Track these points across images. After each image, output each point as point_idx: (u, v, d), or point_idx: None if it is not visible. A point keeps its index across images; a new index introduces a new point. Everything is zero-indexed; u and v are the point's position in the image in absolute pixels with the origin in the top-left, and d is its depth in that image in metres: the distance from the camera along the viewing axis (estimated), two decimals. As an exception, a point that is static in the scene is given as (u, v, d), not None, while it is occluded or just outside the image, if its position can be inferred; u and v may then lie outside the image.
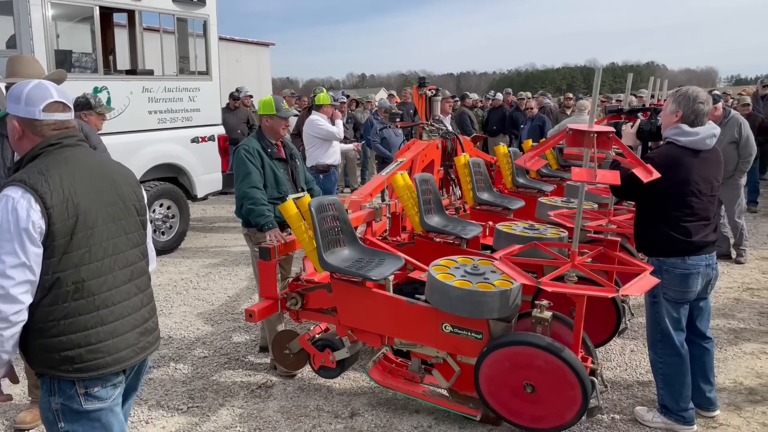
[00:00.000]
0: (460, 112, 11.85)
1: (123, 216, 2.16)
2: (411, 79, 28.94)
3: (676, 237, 3.23)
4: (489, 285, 3.20)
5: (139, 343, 2.16)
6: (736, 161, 6.33)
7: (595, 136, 2.83)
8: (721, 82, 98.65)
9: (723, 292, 5.76)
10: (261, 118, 4.36)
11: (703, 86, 23.41)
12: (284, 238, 3.88)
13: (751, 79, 78.51)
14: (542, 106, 12.53)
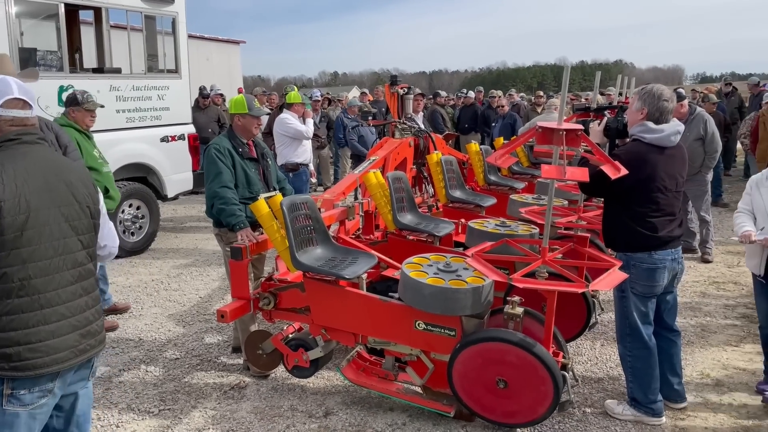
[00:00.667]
0: (432, 110, 11.89)
1: (76, 217, 2.15)
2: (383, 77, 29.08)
3: (642, 232, 3.29)
4: (461, 282, 3.22)
5: (79, 345, 2.13)
6: (702, 157, 6.46)
7: (564, 134, 2.87)
8: (688, 80, 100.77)
9: (690, 286, 5.88)
10: (232, 117, 4.31)
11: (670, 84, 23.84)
12: (256, 237, 3.86)
13: (716, 77, 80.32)
14: (515, 104, 12.65)
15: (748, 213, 3.76)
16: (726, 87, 12.69)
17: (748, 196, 3.82)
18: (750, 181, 3.87)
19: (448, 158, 5.82)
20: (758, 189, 3.74)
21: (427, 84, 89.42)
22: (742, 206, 3.84)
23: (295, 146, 7.01)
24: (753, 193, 3.78)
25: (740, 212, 3.82)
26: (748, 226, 3.65)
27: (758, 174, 3.84)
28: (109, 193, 5.07)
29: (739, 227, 3.71)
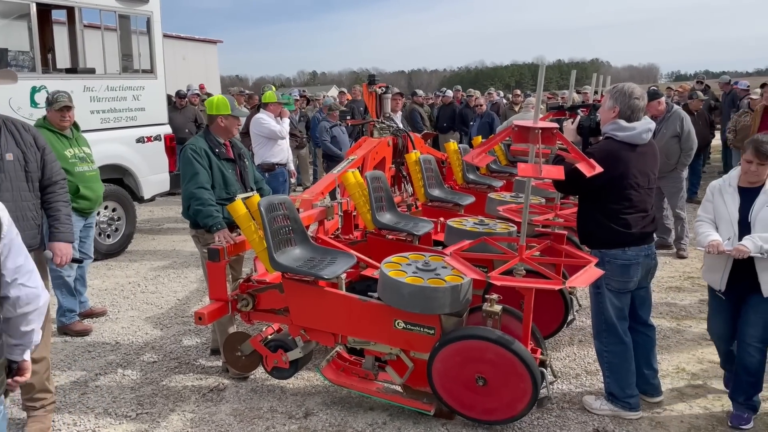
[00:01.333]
0: (411, 109, 11.91)
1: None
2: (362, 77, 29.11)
3: (616, 229, 3.33)
4: (440, 281, 3.23)
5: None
6: (678, 154, 6.54)
7: (539, 133, 2.89)
8: (663, 79, 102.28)
9: (665, 282, 5.97)
10: (212, 118, 4.27)
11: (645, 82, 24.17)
12: (233, 238, 3.83)
13: (690, 75, 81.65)
14: (494, 102, 12.73)
15: (710, 222, 3.53)
16: (699, 85, 12.91)
17: (709, 204, 3.58)
18: (711, 187, 3.62)
19: (427, 157, 5.84)
20: (721, 196, 3.50)
21: (406, 83, 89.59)
22: (702, 215, 3.59)
23: (270, 146, 6.98)
24: (715, 200, 3.54)
25: (701, 221, 3.57)
26: (713, 235, 3.42)
27: (719, 179, 3.61)
28: (80, 192, 4.99)
29: (703, 237, 3.46)
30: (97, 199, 5.29)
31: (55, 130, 4.98)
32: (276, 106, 7.07)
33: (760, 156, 3.32)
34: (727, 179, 3.54)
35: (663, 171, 6.55)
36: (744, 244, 3.26)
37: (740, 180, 3.48)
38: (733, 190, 3.47)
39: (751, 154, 3.35)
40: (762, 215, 3.32)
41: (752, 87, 13.49)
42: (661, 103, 6.53)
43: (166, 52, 8.38)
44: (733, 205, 3.42)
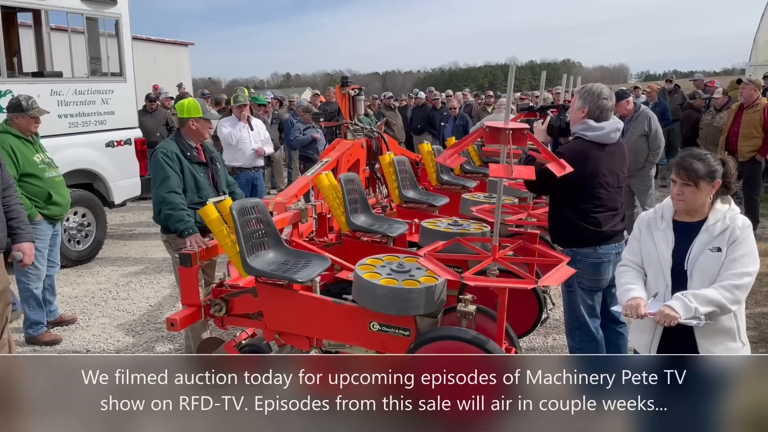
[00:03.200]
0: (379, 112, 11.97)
1: None
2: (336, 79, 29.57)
3: (587, 228, 3.37)
4: (415, 282, 3.23)
5: None
6: (647, 153, 6.64)
7: (510, 133, 2.91)
8: (633, 78, 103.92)
9: (637, 279, 6.05)
10: (184, 121, 4.22)
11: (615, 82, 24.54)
12: (206, 243, 3.79)
13: (659, 75, 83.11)
14: (468, 104, 12.81)
15: (635, 268, 2.74)
16: (668, 84, 13.12)
17: (636, 242, 2.77)
18: (638, 222, 2.81)
19: (401, 159, 5.84)
20: (650, 232, 2.69)
21: (380, 84, 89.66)
22: (627, 257, 2.81)
23: (231, 150, 6.96)
24: (643, 237, 2.72)
25: (625, 267, 2.78)
26: (635, 290, 2.62)
27: (649, 212, 2.80)
28: (52, 199, 4.90)
29: (623, 292, 2.66)
30: (67, 204, 5.20)
31: (20, 136, 4.88)
32: (237, 108, 7.04)
33: (683, 174, 2.53)
34: (659, 210, 2.72)
35: (632, 169, 6.64)
36: (672, 306, 2.44)
37: (674, 211, 2.66)
38: (666, 225, 2.65)
39: (675, 173, 2.57)
40: (702, 262, 2.52)
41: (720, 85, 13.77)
42: (629, 103, 6.63)
43: (136, 55, 8.27)
44: (665, 247, 2.61)
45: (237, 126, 7.02)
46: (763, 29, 17.71)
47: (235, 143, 6.95)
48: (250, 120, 7.18)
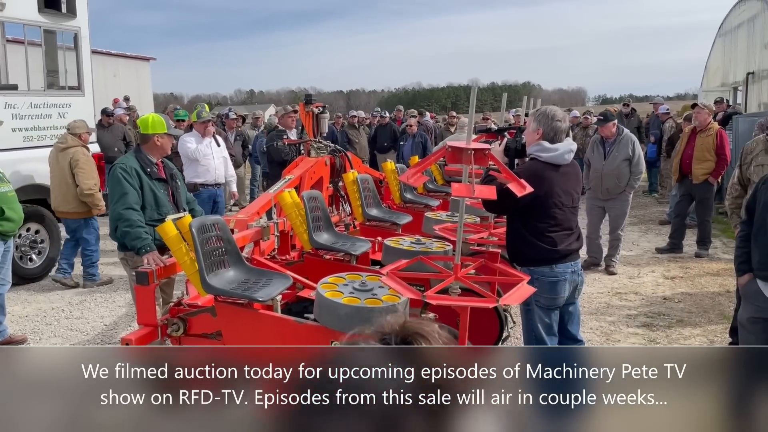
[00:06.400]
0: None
1: None
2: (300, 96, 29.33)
3: (543, 247, 3.43)
4: (377, 300, 3.22)
5: None
6: (628, 177, 6.77)
7: (472, 153, 2.94)
8: (590, 101, 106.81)
9: (595, 297, 6.17)
10: (147, 137, 4.15)
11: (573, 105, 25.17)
12: (164, 261, 3.71)
13: (615, 98, 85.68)
14: (423, 124, 12.96)
15: None
16: (625, 108, 13.53)
17: None
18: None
19: (365, 177, 5.85)
20: None
21: (344, 103, 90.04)
22: None
23: (193, 166, 6.87)
24: None
25: None
26: None
27: None
28: (4, 215, 4.75)
29: None
30: (20, 220, 5.04)
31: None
32: (199, 125, 6.97)
33: None
34: None
35: (613, 193, 6.80)
36: None
37: None
38: None
39: None
40: None
41: (672, 110, 14.27)
42: (614, 125, 6.80)
43: (95, 69, 8.14)
44: None
45: (204, 142, 6.94)
46: (714, 56, 18.49)
47: (198, 159, 6.85)
48: (215, 136, 7.11)
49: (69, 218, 6.70)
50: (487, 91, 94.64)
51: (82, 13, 7.56)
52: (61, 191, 6.53)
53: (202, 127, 6.96)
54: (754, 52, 14.75)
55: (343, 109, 24.86)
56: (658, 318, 5.58)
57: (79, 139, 6.57)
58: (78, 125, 6.65)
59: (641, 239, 8.79)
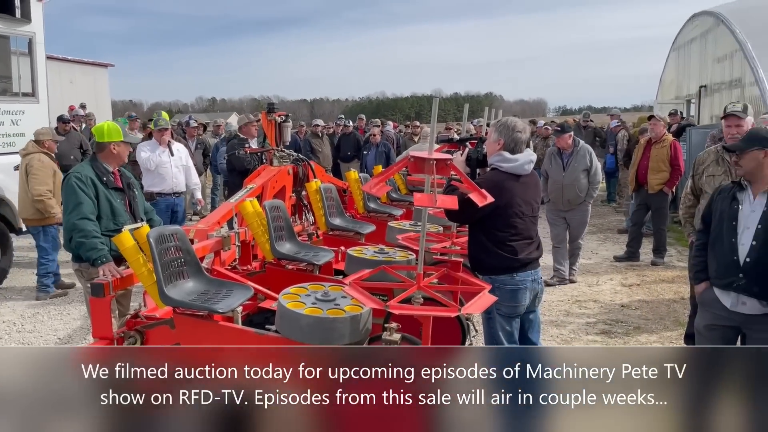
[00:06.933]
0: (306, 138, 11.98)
1: None
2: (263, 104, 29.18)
3: (504, 255, 3.47)
4: (340, 311, 3.19)
5: None
6: (587, 188, 6.90)
7: (434, 163, 2.95)
8: (551, 113, 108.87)
9: (555, 305, 6.26)
10: (103, 145, 4.05)
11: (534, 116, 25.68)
12: (120, 272, 3.62)
13: (575, 110, 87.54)
14: (386, 135, 13.01)
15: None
16: (584, 121, 13.88)
17: None
18: None
19: (328, 186, 5.83)
20: None
21: (308, 111, 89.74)
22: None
23: (151, 175, 6.76)
24: None
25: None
26: None
27: None
28: None
29: None
30: None
31: None
32: (157, 132, 6.87)
33: None
34: None
35: (574, 203, 6.92)
36: None
37: None
38: None
39: None
40: None
41: (628, 121, 14.65)
42: (570, 137, 6.92)
43: (51, 76, 7.94)
44: None
45: (157, 150, 6.82)
46: (669, 70, 19.06)
47: (154, 168, 6.75)
48: (171, 144, 6.99)
49: (29, 225, 6.56)
50: (450, 101, 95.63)
51: (37, 19, 7.37)
52: (21, 198, 6.50)
53: (159, 135, 6.87)
54: (706, 66, 15.25)
55: (307, 118, 24.82)
56: (616, 325, 5.69)
57: (42, 146, 6.42)
58: (42, 132, 6.56)
59: (600, 248, 8.97)
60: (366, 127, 13.38)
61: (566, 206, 6.94)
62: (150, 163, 6.73)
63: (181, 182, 6.99)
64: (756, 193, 3.30)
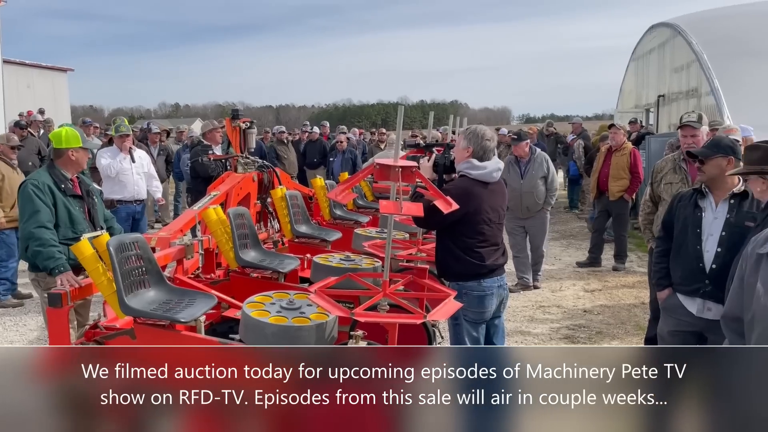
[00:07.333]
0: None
1: None
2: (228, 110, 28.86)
3: (472, 262, 3.51)
4: (305, 319, 3.17)
5: None
6: (545, 195, 6.99)
7: (399, 170, 2.96)
8: (515, 120, 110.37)
9: (519, 311, 6.33)
10: (61, 151, 3.96)
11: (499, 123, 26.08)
12: (79, 282, 3.53)
13: (539, 118, 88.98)
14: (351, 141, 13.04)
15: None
16: (548, 128, 14.15)
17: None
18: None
19: (293, 193, 5.79)
20: None
21: (274, 118, 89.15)
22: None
23: (110, 182, 6.64)
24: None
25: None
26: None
27: None
28: None
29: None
30: None
31: None
32: (119, 139, 6.76)
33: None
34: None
35: (532, 211, 7.00)
36: None
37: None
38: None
39: None
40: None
41: (591, 129, 14.97)
42: (527, 145, 7.01)
43: (7, 80, 7.75)
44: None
45: (117, 157, 6.69)
46: (628, 79, 19.54)
47: (114, 175, 6.62)
48: (132, 151, 6.87)
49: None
50: (416, 108, 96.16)
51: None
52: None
53: (120, 141, 6.76)
54: (664, 75, 15.70)
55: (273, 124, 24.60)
56: (579, 330, 5.78)
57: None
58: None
59: (563, 254, 9.12)
60: (331, 134, 13.35)
61: (525, 214, 7.01)
62: (111, 170, 6.61)
63: (142, 189, 6.88)
64: (718, 201, 3.37)
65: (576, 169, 12.43)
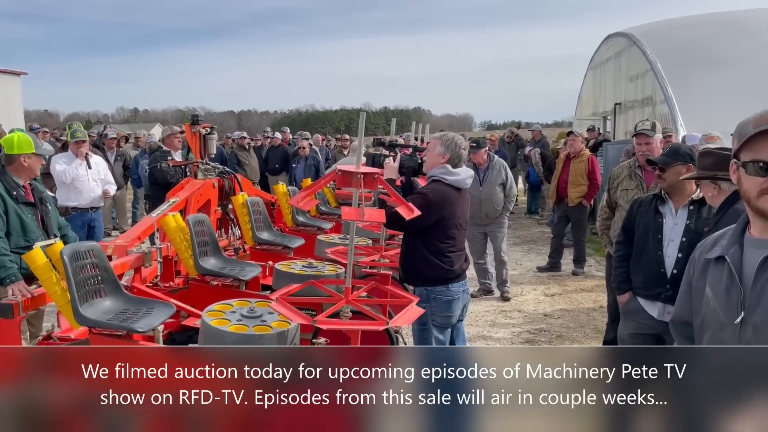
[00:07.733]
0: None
1: None
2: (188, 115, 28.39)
3: (442, 267, 3.58)
4: (266, 327, 3.13)
5: None
6: (503, 201, 7.06)
7: (362, 177, 2.96)
8: (477, 127, 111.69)
9: (482, 315, 6.39)
10: (13, 157, 3.83)
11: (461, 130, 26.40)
12: (31, 291, 3.42)
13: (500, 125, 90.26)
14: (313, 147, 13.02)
15: None
16: (509, 136, 14.36)
17: None
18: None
19: (255, 199, 5.74)
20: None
21: (235, 123, 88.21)
22: None
23: (65, 189, 6.47)
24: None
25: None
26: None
27: None
28: None
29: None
30: None
31: None
32: (75, 145, 6.60)
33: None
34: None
35: (491, 217, 7.06)
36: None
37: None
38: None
39: None
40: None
41: (550, 136, 15.26)
42: (486, 152, 7.08)
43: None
44: None
45: (73, 163, 6.52)
46: (586, 87, 20.00)
47: (70, 181, 6.45)
48: (89, 157, 6.71)
49: None
50: (379, 114, 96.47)
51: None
52: None
53: (76, 147, 6.59)
54: (620, 84, 16.12)
55: (234, 130, 24.33)
56: (540, 334, 5.86)
57: None
58: None
59: (524, 258, 9.25)
60: (293, 140, 13.28)
61: (484, 220, 7.07)
62: (66, 176, 6.43)
63: (98, 196, 6.71)
64: (677, 207, 3.44)
65: (536, 175, 12.64)
